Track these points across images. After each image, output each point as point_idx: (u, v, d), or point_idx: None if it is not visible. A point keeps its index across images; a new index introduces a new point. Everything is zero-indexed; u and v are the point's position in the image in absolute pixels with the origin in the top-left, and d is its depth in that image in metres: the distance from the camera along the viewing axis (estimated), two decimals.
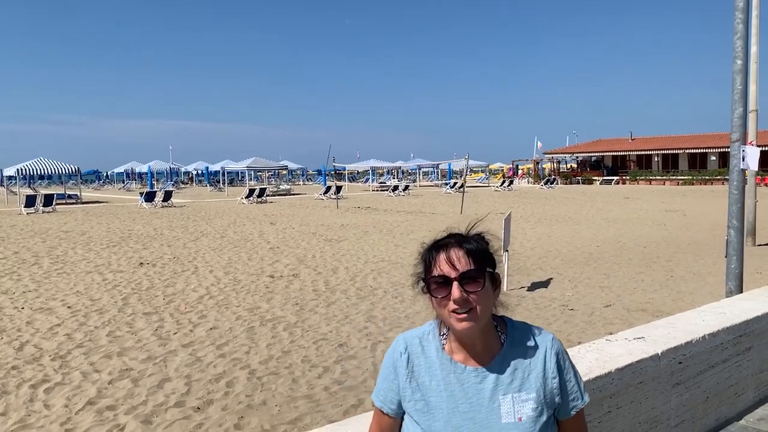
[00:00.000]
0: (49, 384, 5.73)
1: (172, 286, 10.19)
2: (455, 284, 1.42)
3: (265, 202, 33.63)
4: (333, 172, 52.70)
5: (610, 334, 3.58)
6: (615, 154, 60.56)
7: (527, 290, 9.53)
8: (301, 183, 72.03)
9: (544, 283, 10.02)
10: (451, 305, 1.43)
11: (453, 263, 1.44)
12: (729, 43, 6.01)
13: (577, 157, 65.15)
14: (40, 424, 4.87)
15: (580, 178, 59.24)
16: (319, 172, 61.98)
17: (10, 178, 37.96)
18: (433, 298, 1.49)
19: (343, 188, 40.57)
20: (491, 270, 1.48)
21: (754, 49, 13.71)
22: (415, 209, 27.56)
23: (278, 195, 42.43)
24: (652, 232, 17.54)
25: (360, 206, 29.69)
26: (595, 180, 57.30)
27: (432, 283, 1.47)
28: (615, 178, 56.34)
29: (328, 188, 37.52)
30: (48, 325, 7.74)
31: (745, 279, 6.29)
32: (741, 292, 5.85)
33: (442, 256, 1.46)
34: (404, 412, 1.56)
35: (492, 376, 1.48)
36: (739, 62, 5.94)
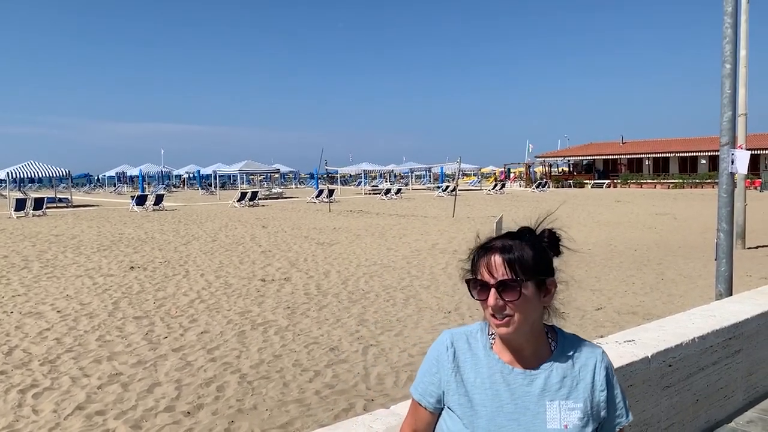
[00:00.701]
0: (38, 389, 5.69)
1: (163, 290, 10.14)
2: (492, 291, 1.42)
3: (257, 205, 33.54)
4: (325, 176, 52.61)
5: (601, 337, 3.58)
6: (606, 157, 60.83)
7: None
8: (293, 186, 71.89)
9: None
10: (490, 309, 1.44)
11: (491, 270, 1.43)
12: (718, 46, 6.05)
13: (569, 160, 65.40)
14: (29, 430, 4.84)
15: (571, 181, 59.45)
16: (312, 176, 62.00)
17: (0, 181, 37.68)
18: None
19: (335, 191, 40.55)
20: (541, 277, 1.47)
21: (743, 53, 13.83)
22: (408, 212, 27.58)
23: (270, 198, 42.32)
24: (643, 235, 17.63)
25: (352, 209, 29.67)
26: (587, 183, 57.48)
27: (473, 285, 1.47)
28: (606, 181, 56.56)
29: (321, 191, 37.48)
30: (37, 330, 7.68)
31: (735, 282, 6.33)
32: (731, 294, 5.88)
33: (484, 261, 1.46)
34: (442, 408, 1.55)
35: (540, 381, 1.47)
36: (728, 66, 5.98)
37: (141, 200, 30.88)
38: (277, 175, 65.60)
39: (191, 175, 67.82)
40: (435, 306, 8.80)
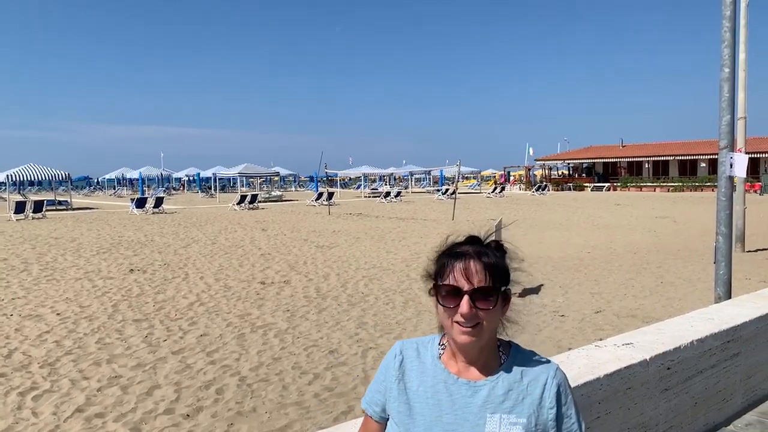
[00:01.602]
0: (38, 391, 5.69)
1: (163, 292, 10.14)
2: (466, 298, 1.37)
3: (257, 208, 33.55)
4: (325, 179, 52.64)
5: (600, 340, 3.59)
6: (606, 160, 60.90)
7: (518, 296, 9.54)
8: (293, 189, 71.90)
9: (535, 290, 10.04)
10: (458, 316, 1.38)
11: (469, 276, 1.38)
12: (718, 50, 6.07)
13: (569, 163, 65.45)
14: None
15: (571, 184, 59.48)
16: (311, 179, 62.00)
17: None
18: (439, 305, 1.43)
19: (335, 194, 40.57)
20: (505, 287, 1.43)
21: (742, 56, 13.85)
22: (407, 215, 27.59)
23: (270, 201, 42.33)
24: (643, 238, 17.64)
25: (352, 212, 29.69)
26: (587, 186, 57.52)
27: (442, 291, 1.42)
28: (606, 184, 56.59)
29: (320, 194, 37.50)
30: (37, 332, 7.68)
31: (734, 285, 6.34)
32: (729, 297, 5.89)
33: (459, 266, 1.40)
34: (388, 418, 1.52)
35: (484, 392, 1.42)
36: (727, 70, 6.00)
37: (141, 203, 30.90)
38: (276, 178, 65.70)
39: (191, 178, 67.86)
40: (434, 309, 8.78)
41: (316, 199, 36.92)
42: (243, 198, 34.16)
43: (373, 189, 57.55)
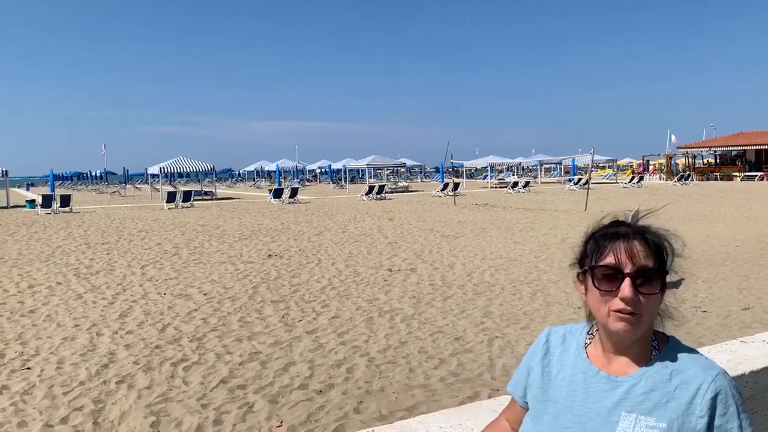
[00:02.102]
0: (187, 363, 6.23)
1: (298, 276, 10.69)
2: (627, 281, 1.24)
3: (384, 198, 34.22)
4: (451, 169, 52.54)
5: (746, 336, 3.34)
6: (759, 147, 55.36)
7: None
8: (418, 180, 72.48)
9: (674, 284, 9.40)
10: (616, 303, 1.25)
11: (632, 254, 1.26)
12: None
13: (715, 151, 60.34)
14: (180, 398, 5.33)
15: (718, 174, 54.88)
16: (437, 170, 62.11)
17: (153, 176, 41.29)
18: (593, 289, 1.30)
19: (460, 185, 40.40)
20: (668, 272, 1.31)
21: None
22: (536, 206, 26.89)
23: (396, 192, 43.00)
24: None
25: (478, 203, 29.43)
26: (736, 176, 52.74)
27: (598, 273, 1.29)
28: (759, 173, 51.57)
29: (446, 185, 37.52)
30: (186, 310, 8.41)
31: None
32: None
33: (620, 245, 1.28)
34: None
35: (623, 388, 1.29)
36: None
37: (278, 193, 32.65)
38: (403, 169, 66.48)
39: (323, 170, 70.52)
40: (564, 301, 8.56)
41: (442, 190, 36.97)
42: (371, 189, 34.98)
43: (500, 179, 56.63)
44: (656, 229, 1.34)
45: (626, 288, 1.24)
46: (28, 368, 6.12)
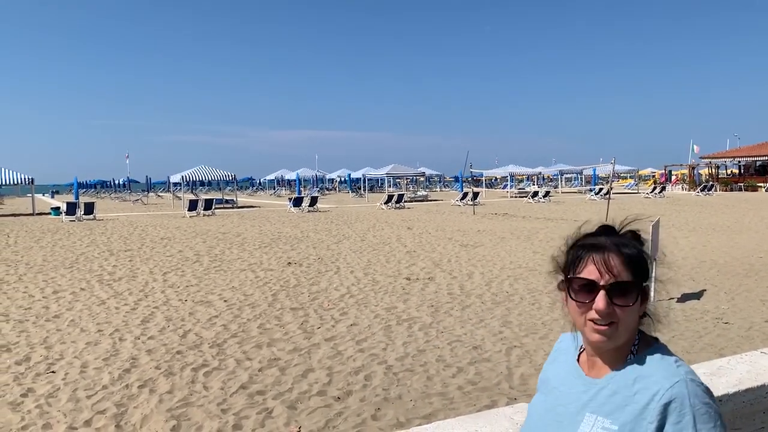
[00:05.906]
0: (208, 368, 6.31)
1: (317, 284, 10.76)
2: (602, 293, 1.27)
3: (403, 207, 34.25)
4: (470, 179, 52.43)
5: None
6: None
7: (677, 301, 8.94)
8: (438, 189, 72.40)
9: (696, 295, 9.34)
10: (592, 314, 1.28)
11: (607, 269, 1.28)
12: None
13: (739, 161, 59.45)
14: (200, 403, 5.40)
15: (742, 184, 54.06)
16: (456, 179, 62.02)
17: (175, 184, 41.80)
18: (570, 300, 1.34)
19: (480, 194, 40.30)
20: (645, 283, 1.32)
21: None
22: (556, 216, 26.73)
23: (415, 201, 43.00)
24: None
25: (497, 212, 29.34)
26: (761, 186, 51.94)
27: (575, 285, 1.32)
28: None
29: (465, 194, 37.45)
30: (207, 317, 8.51)
31: None
32: None
33: (595, 258, 1.30)
34: None
35: (594, 390, 1.34)
36: None
37: (297, 202, 32.85)
38: (422, 179, 66.49)
39: (342, 179, 70.79)
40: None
41: (461, 199, 36.90)
42: (390, 198, 35.03)
43: (520, 189, 56.36)
44: (631, 241, 1.35)
45: (600, 301, 1.27)
46: (52, 372, 6.25)
